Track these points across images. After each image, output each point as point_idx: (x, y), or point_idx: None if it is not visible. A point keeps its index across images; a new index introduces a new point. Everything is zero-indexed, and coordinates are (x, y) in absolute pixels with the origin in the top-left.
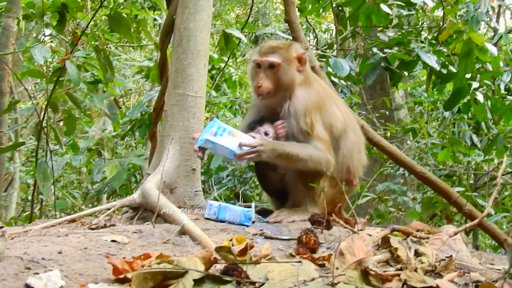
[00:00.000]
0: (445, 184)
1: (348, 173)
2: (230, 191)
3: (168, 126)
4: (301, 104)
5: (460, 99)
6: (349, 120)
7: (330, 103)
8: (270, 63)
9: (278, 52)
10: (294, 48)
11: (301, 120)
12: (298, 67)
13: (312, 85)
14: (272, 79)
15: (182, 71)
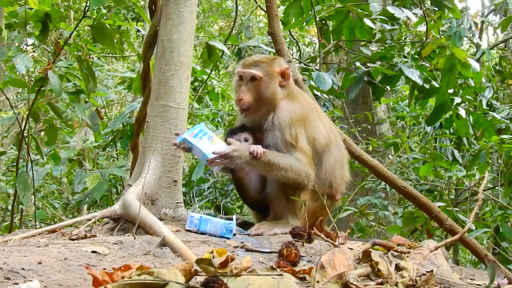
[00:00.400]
0: (426, 199)
1: (330, 188)
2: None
3: (150, 137)
4: (285, 116)
5: (442, 114)
6: (332, 136)
7: (315, 118)
8: (252, 75)
9: (260, 65)
10: (278, 63)
11: (286, 132)
12: (281, 82)
13: (297, 99)
14: (253, 93)
15: (165, 83)
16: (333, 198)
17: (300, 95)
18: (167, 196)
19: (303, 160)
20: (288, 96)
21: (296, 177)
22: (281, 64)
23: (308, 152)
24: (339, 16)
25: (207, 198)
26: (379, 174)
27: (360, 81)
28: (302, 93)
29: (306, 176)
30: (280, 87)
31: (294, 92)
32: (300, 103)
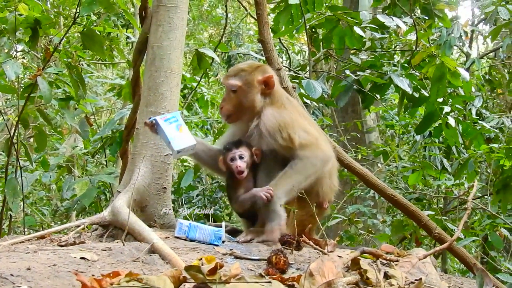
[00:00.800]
0: (415, 207)
1: (317, 197)
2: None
3: (140, 144)
4: (271, 122)
5: (431, 123)
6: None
7: (305, 125)
8: (230, 85)
9: (239, 75)
10: (261, 70)
11: (278, 137)
12: (264, 90)
13: (284, 106)
14: (233, 102)
15: (155, 89)
16: (321, 207)
17: (289, 103)
18: (156, 203)
19: (309, 153)
20: (274, 104)
21: (316, 174)
22: (265, 72)
23: (309, 140)
24: (329, 24)
25: (196, 205)
26: (368, 183)
27: (349, 90)
28: (292, 101)
29: (322, 162)
30: (263, 95)
31: (282, 100)
32: (288, 110)
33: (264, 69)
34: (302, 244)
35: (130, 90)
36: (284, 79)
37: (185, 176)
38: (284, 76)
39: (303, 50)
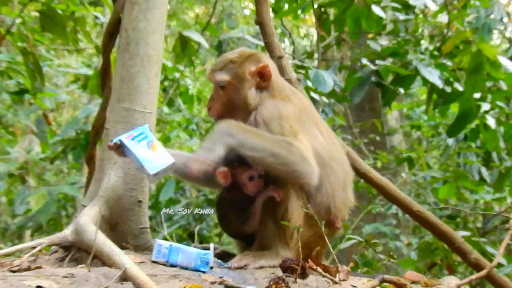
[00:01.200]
0: (447, 227)
1: (328, 214)
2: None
3: None
4: (270, 112)
5: (466, 123)
6: (334, 149)
7: (311, 124)
8: (217, 81)
9: (227, 67)
10: (253, 60)
11: (274, 124)
12: (259, 83)
13: (288, 98)
14: (222, 100)
15: (129, 81)
16: (332, 226)
17: (294, 95)
18: (130, 219)
19: (298, 144)
20: (276, 96)
21: (281, 162)
22: (258, 61)
23: (306, 143)
24: (342, 3)
25: (179, 223)
26: (390, 196)
27: (366, 82)
28: (297, 94)
29: (300, 161)
30: (258, 89)
31: (285, 92)
32: (293, 103)
33: (257, 57)
34: (308, 270)
35: (98, 82)
36: (286, 69)
37: (165, 188)
38: (286, 65)
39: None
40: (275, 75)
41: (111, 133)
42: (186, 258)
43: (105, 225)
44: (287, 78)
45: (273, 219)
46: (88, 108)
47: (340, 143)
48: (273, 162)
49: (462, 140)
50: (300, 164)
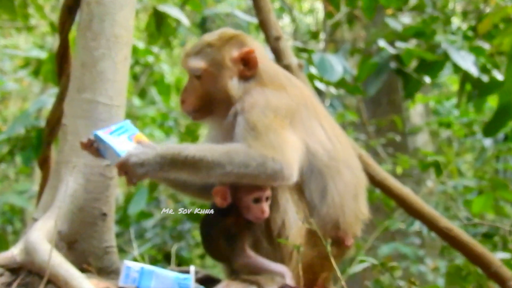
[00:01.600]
0: (481, 248)
1: (336, 230)
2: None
3: (68, 148)
4: (255, 100)
5: (507, 120)
6: (342, 149)
7: (310, 119)
8: (191, 69)
9: (204, 52)
10: (235, 43)
11: (254, 113)
12: (243, 72)
13: (284, 87)
14: (198, 92)
15: (92, 67)
16: (341, 244)
17: (290, 84)
18: (92, 236)
19: (261, 141)
20: (265, 84)
21: (240, 169)
22: (242, 44)
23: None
24: None
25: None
26: (412, 210)
27: (384, 70)
28: (294, 82)
29: (261, 161)
30: (242, 79)
31: (279, 79)
32: (289, 93)
33: (241, 40)
34: None
35: (54, 67)
36: (285, 53)
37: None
38: (285, 48)
39: (315, 10)
40: (265, 62)
41: (69, 131)
42: (161, 284)
43: (61, 242)
44: (285, 64)
45: (267, 236)
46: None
47: (351, 143)
48: (230, 172)
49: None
50: (262, 164)
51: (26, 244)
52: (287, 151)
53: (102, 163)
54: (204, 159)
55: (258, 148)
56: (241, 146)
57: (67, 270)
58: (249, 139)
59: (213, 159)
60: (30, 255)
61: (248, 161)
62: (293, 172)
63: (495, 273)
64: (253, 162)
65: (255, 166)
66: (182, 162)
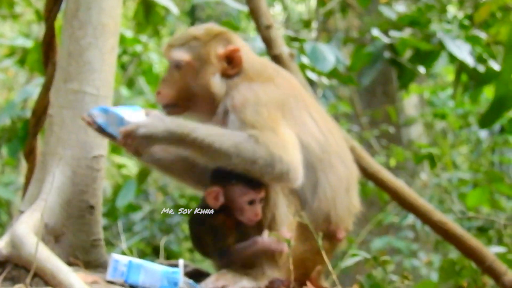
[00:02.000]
0: (476, 242)
1: (328, 224)
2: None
3: (54, 139)
4: (244, 97)
5: (503, 112)
6: (334, 141)
7: (300, 110)
8: (174, 59)
9: (189, 44)
10: (222, 40)
11: (247, 111)
12: (226, 70)
13: (271, 79)
14: (177, 85)
15: (78, 56)
16: (333, 237)
17: (277, 75)
18: (79, 230)
19: (265, 137)
20: (252, 79)
21: (246, 164)
22: (228, 42)
23: (286, 135)
24: None
25: (140, 235)
26: (405, 203)
27: (378, 60)
28: (281, 73)
29: (270, 161)
30: (225, 77)
31: (266, 72)
32: (277, 85)
33: (227, 37)
34: None
35: (39, 57)
36: (276, 42)
37: (124, 191)
38: (276, 37)
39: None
40: (250, 58)
41: (55, 121)
42: (149, 278)
43: (48, 236)
44: (276, 54)
45: (257, 230)
46: (27, 90)
47: (343, 135)
48: (235, 164)
49: (498, 132)
50: (270, 164)
51: (12, 237)
52: (293, 151)
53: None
54: (212, 146)
55: (266, 145)
56: (250, 140)
57: (54, 263)
58: (252, 132)
59: (221, 148)
60: (16, 248)
61: (255, 159)
62: (298, 175)
63: (490, 268)
64: (261, 161)
65: (262, 164)
66: (189, 143)
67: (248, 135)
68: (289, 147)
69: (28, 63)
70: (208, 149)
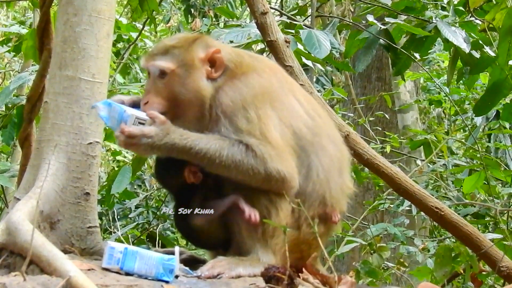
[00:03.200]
0: (472, 228)
1: (324, 206)
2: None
3: (50, 126)
4: (231, 100)
5: (499, 98)
6: (322, 122)
7: (286, 94)
8: (159, 69)
9: (172, 53)
10: (201, 44)
11: (238, 116)
12: (211, 73)
13: (252, 67)
14: (164, 94)
15: (73, 43)
16: (328, 220)
17: (256, 61)
18: (75, 216)
19: (262, 149)
20: (234, 75)
21: (245, 177)
22: (208, 46)
23: (279, 142)
24: None
25: (136, 222)
26: (401, 189)
27: (373, 46)
28: (258, 58)
29: (267, 175)
30: (210, 79)
31: (244, 61)
32: (258, 73)
33: (205, 41)
34: (299, 281)
35: (35, 43)
36: (272, 28)
37: (119, 177)
38: (272, 23)
39: None
40: (227, 53)
41: (51, 108)
42: (145, 265)
43: (44, 223)
44: (272, 40)
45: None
46: (22, 77)
47: (338, 121)
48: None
49: (493, 119)
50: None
51: (8, 224)
52: (287, 158)
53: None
54: (212, 160)
55: (263, 159)
56: (248, 156)
57: (50, 250)
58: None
59: (220, 163)
60: (12, 235)
61: (254, 174)
62: (294, 183)
63: (486, 254)
64: (259, 176)
65: (260, 178)
66: (191, 155)
67: (245, 150)
68: (283, 156)
69: (22, 50)
70: (208, 162)
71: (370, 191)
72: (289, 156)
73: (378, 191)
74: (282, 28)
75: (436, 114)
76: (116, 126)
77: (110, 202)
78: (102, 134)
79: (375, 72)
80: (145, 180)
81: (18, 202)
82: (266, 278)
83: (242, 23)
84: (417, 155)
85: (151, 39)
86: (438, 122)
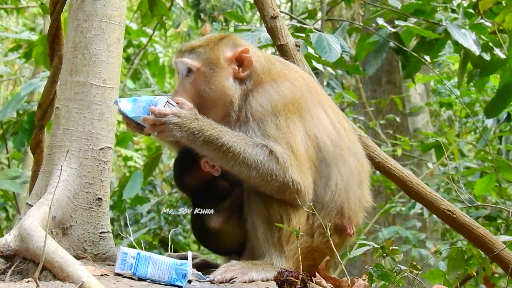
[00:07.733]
0: (484, 230)
1: (340, 217)
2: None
3: (61, 132)
4: (261, 105)
5: (510, 100)
6: (346, 135)
7: (315, 105)
8: (184, 67)
9: (198, 51)
10: (228, 43)
11: (268, 121)
12: (238, 72)
13: (283, 75)
14: (191, 93)
15: (84, 48)
16: (343, 232)
17: (287, 69)
18: (87, 222)
19: (285, 157)
20: (263, 80)
21: (265, 181)
22: (235, 45)
23: (302, 155)
24: None
25: (148, 227)
26: (413, 192)
27: (383, 49)
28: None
29: (283, 184)
30: (237, 80)
31: (275, 68)
32: (289, 80)
33: (233, 41)
34: (311, 285)
35: (45, 50)
36: (282, 32)
37: (130, 183)
38: (282, 27)
39: None
40: (257, 57)
41: (62, 114)
42: (157, 270)
43: (56, 228)
44: (282, 44)
45: (266, 222)
46: (33, 83)
47: (351, 126)
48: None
49: (504, 121)
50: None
51: (20, 231)
52: (307, 172)
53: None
54: (235, 155)
55: (284, 167)
56: (270, 160)
57: (62, 256)
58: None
59: (244, 158)
60: (24, 241)
61: (272, 179)
62: (307, 197)
63: (499, 256)
64: (275, 183)
65: (275, 185)
66: (215, 146)
67: (269, 153)
68: (303, 169)
69: (33, 56)
70: (231, 157)
71: (381, 194)
72: (308, 170)
73: (390, 194)
74: (292, 32)
75: (446, 117)
76: (143, 113)
77: (122, 208)
78: (113, 140)
79: (385, 75)
80: (156, 185)
81: (30, 208)
82: (279, 282)
83: (252, 28)
84: (428, 158)
85: (161, 44)
86: (449, 124)
